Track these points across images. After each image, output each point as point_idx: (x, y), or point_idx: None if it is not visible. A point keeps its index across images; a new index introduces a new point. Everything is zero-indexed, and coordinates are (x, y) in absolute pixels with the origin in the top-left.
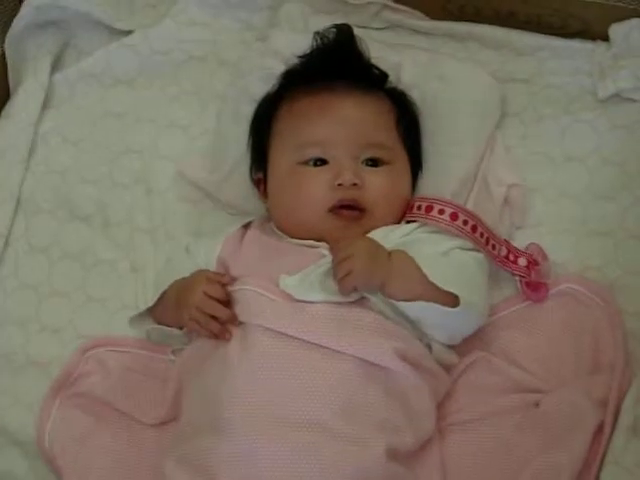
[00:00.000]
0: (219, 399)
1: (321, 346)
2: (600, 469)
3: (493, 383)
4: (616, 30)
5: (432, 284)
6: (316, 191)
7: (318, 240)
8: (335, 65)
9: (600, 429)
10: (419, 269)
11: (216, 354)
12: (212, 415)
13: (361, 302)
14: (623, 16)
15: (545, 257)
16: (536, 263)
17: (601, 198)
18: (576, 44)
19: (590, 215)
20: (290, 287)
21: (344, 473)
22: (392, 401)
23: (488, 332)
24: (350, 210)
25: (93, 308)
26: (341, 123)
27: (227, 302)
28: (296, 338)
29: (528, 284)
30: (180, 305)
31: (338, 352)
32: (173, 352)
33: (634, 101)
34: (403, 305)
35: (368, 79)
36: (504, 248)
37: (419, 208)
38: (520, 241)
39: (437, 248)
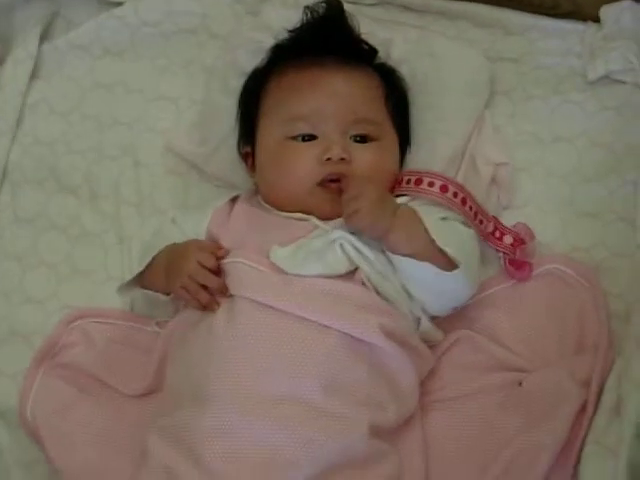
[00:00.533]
0: (203, 371)
1: (308, 320)
2: (582, 448)
3: (477, 361)
4: (607, 12)
5: (433, 242)
6: (304, 165)
7: (307, 213)
8: (324, 40)
9: (583, 409)
10: (424, 226)
11: (202, 325)
12: (195, 387)
13: (351, 276)
14: None
15: (532, 237)
16: (522, 242)
17: (589, 180)
18: (567, 25)
19: (578, 196)
20: (281, 259)
21: (327, 449)
22: (376, 377)
23: (472, 310)
24: (339, 183)
25: (78, 279)
26: (330, 97)
27: (218, 273)
28: (283, 311)
29: (512, 262)
30: (171, 271)
31: (324, 326)
32: (158, 324)
33: (623, 83)
34: (400, 260)
35: (357, 54)
36: (491, 224)
37: (408, 182)
38: (507, 220)
39: (433, 216)
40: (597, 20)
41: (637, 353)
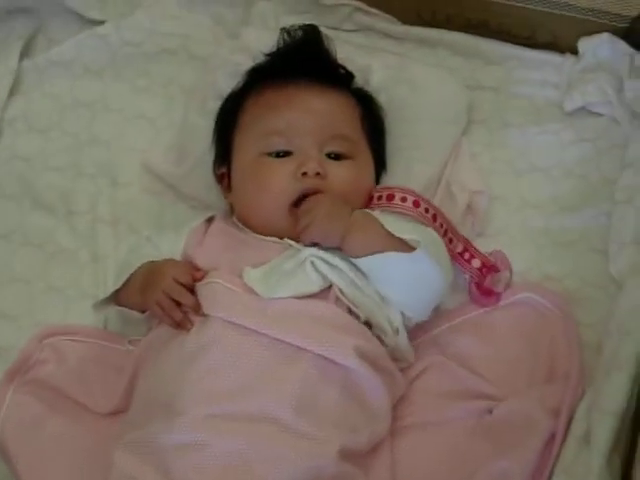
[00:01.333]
0: (174, 388)
1: (281, 341)
2: (550, 478)
3: (447, 388)
4: (585, 44)
5: (392, 235)
6: (280, 181)
7: (281, 238)
8: (301, 63)
9: (552, 438)
10: (379, 223)
11: (174, 343)
12: (165, 403)
13: (325, 294)
14: (592, 30)
15: (507, 266)
16: (492, 268)
17: (564, 209)
18: (545, 56)
19: (552, 226)
20: (254, 281)
21: (296, 468)
22: (349, 400)
23: (444, 337)
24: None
25: (52, 296)
26: (306, 113)
27: (193, 292)
28: (256, 331)
29: (478, 287)
30: (147, 287)
31: (298, 348)
32: (130, 342)
33: (600, 115)
34: (364, 262)
35: (334, 78)
36: (461, 245)
37: (380, 198)
38: (481, 248)
39: (399, 221)
40: (575, 52)
41: (607, 383)
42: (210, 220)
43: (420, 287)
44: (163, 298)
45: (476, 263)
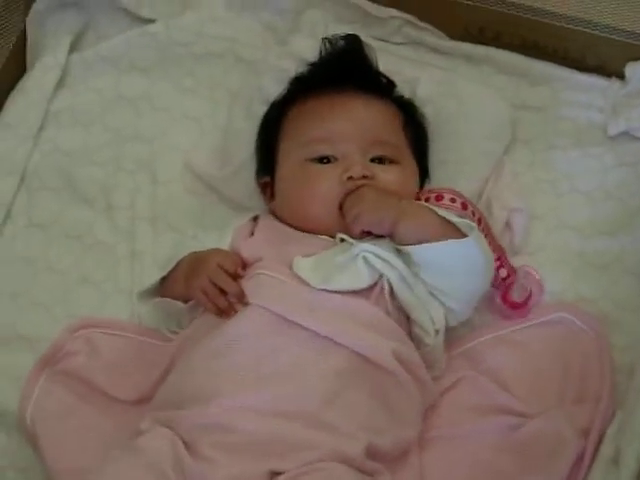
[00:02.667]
0: (207, 376)
1: (319, 335)
2: None
3: (477, 402)
4: (632, 69)
5: (444, 220)
6: (325, 185)
7: (331, 237)
8: (343, 71)
9: (580, 458)
10: (429, 208)
11: (211, 333)
12: (196, 391)
13: (369, 293)
14: None
15: (535, 283)
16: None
17: (601, 232)
18: (591, 79)
19: (589, 248)
20: (304, 270)
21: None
22: (378, 402)
23: (476, 352)
24: None
25: (87, 289)
26: (349, 120)
27: (238, 278)
28: (296, 323)
29: (504, 299)
30: (192, 274)
31: (337, 344)
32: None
33: None
34: (415, 250)
35: (375, 86)
36: (496, 253)
37: (428, 199)
38: (516, 265)
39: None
40: (622, 76)
41: (637, 405)
42: (255, 219)
43: (467, 275)
44: (207, 284)
45: (503, 273)
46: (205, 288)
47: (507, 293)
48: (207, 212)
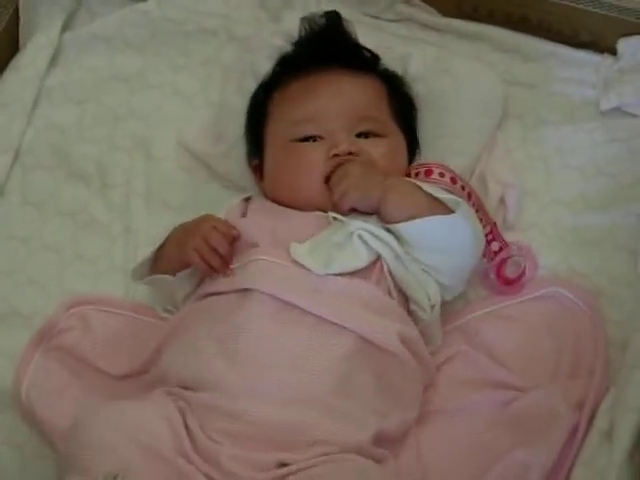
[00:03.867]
0: (215, 361)
1: (326, 320)
2: (571, 471)
3: (472, 377)
4: (624, 44)
5: (430, 196)
6: (312, 163)
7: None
8: (324, 49)
9: (574, 431)
10: (417, 185)
11: (220, 316)
12: (203, 376)
13: (370, 272)
14: (633, 31)
15: (529, 257)
16: (508, 256)
17: (593, 208)
18: (584, 55)
19: (581, 223)
20: (303, 256)
21: (331, 448)
22: (384, 385)
23: (471, 327)
24: None
25: (82, 266)
26: (333, 97)
27: (231, 241)
28: (301, 308)
29: (498, 273)
30: (185, 238)
31: (342, 327)
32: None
33: (634, 116)
34: (402, 228)
35: (358, 61)
36: (488, 227)
37: (417, 174)
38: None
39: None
40: (614, 52)
41: (632, 379)
42: (247, 200)
43: (457, 250)
44: (201, 244)
45: (495, 246)
46: (199, 247)
47: (501, 268)
48: (200, 189)
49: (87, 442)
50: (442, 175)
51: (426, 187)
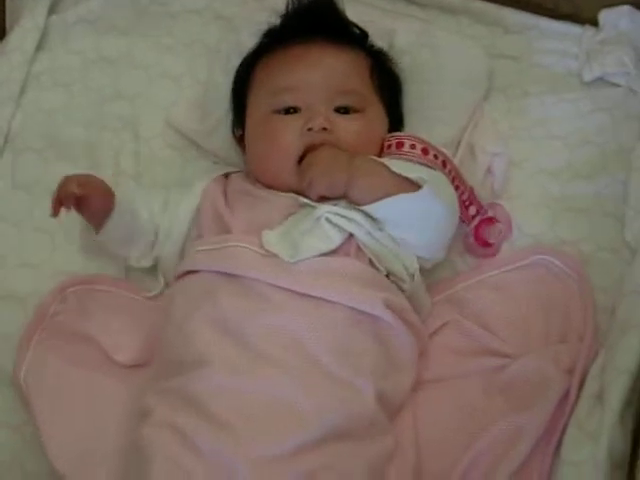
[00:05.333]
0: (207, 337)
1: (312, 296)
2: (563, 434)
3: (463, 345)
4: (605, 16)
5: (396, 175)
6: (287, 137)
7: (297, 193)
8: (313, 23)
9: (565, 395)
10: (384, 165)
11: (206, 299)
12: (198, 352)
13: (346, 250)
14: (613, 2)
15: (505, 220)
16: (489, 220)
17: (579, 176)
18: (565, 26)
19: (567, 192)
20: (274, 245)
21: (337, 413)
22: (380, 350)
23: (461, 296)
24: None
25: (74, 246)
26: (314, 69)
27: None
28: (287, 289)
29: (476, 236)
30: None
31: (330, 302)
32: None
33: (617, 86)
34: (373, 208)
35: (346, 36)
36: (466, 193)
37: (389, 147)
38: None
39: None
40: (595, 23)
41: (621, 342)
42: (227, 176)
43: (428, 226)
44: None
45: (472, 210)
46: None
47: (478, 231)
48: (188, 167)
49: None
50: (413, 147)
51: (395, 165)
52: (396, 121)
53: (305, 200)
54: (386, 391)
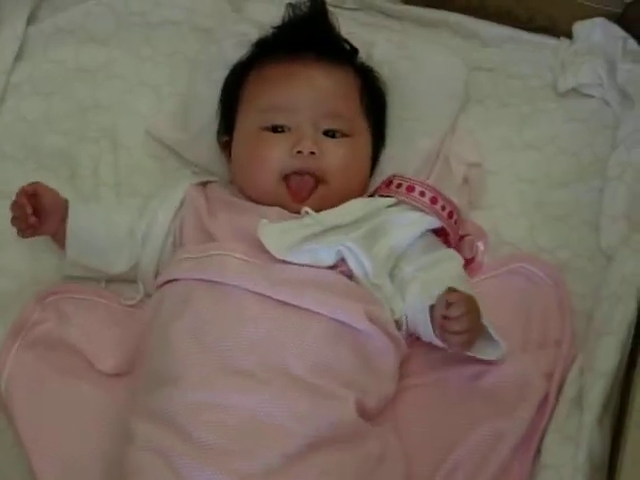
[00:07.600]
0: (185, 350)
1: (294, 306)
2: (543, 437)
3: (443, 351)
4: (579, 28)
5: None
6: (275, 156)
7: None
8: (306, 37)
9: (545, 400)
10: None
11: (187, 310)
12: (177, 366)
13: (335, 268)
14: (589, 15)
15: (481, 236)
16: (460, 238)
17: (556, 185)
18: (541, 39)
19: (544, 200)
20: (269, 237)
21: (318, 423)
22: (360, 362)
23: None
24: (300, 178)
25: (53, 257)
26: (305, 89)
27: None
28: (270, 297)
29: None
30: None
31: (312, 312)
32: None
33: (591, 97)
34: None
35: (338, 53)
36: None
37: (399, 186)
38: (476, 221)
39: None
40: (570, 36)
41: (599, 346)
42: (204, 185)
43: None
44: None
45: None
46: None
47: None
48: (170, 176)
49: None
50: (422, 194)
51: (485, 320)
52: (379, 140)
53: (309, 211)
54: (367, 400)
